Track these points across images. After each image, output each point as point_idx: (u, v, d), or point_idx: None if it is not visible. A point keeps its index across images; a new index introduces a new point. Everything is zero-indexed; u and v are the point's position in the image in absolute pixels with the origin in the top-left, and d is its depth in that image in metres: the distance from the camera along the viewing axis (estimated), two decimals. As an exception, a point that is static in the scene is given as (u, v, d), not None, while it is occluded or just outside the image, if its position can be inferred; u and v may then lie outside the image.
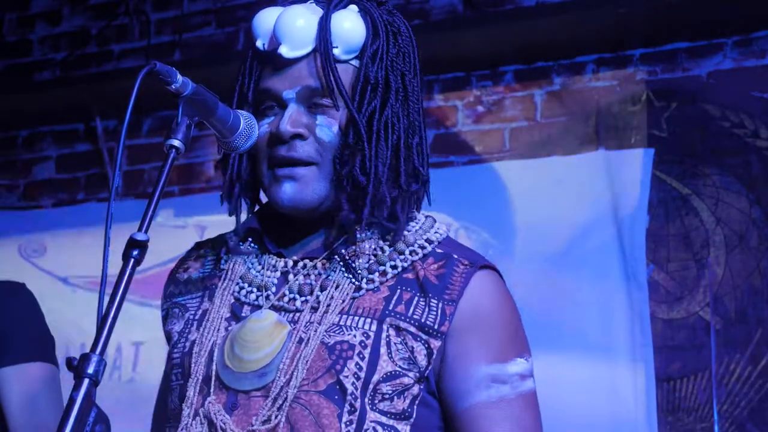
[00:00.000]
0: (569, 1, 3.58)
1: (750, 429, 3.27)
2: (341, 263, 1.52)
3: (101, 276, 1.30)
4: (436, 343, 1.47)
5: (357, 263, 1.51)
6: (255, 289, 1.54)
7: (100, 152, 4.23)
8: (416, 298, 1.49)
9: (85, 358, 1.26)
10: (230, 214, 1.59)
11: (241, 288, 1.56)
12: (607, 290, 3.39)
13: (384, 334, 1.46)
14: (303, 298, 1.50)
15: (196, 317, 1.59)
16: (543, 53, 3.67)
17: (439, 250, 1.54)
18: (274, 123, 1.53)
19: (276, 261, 1.55)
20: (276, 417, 1.44)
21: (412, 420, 1.47)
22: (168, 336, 1.64)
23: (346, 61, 1.53)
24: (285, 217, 1.55)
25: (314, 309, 1.49)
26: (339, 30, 1.52)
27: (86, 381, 1.25)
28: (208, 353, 1.52)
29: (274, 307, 1.52)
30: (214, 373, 1.50)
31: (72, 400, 1.23)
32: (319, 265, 1.53)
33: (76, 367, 1.25)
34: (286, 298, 1.51)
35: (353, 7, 1.56)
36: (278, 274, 1.54)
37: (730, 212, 3.42)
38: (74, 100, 4.12)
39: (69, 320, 3.89)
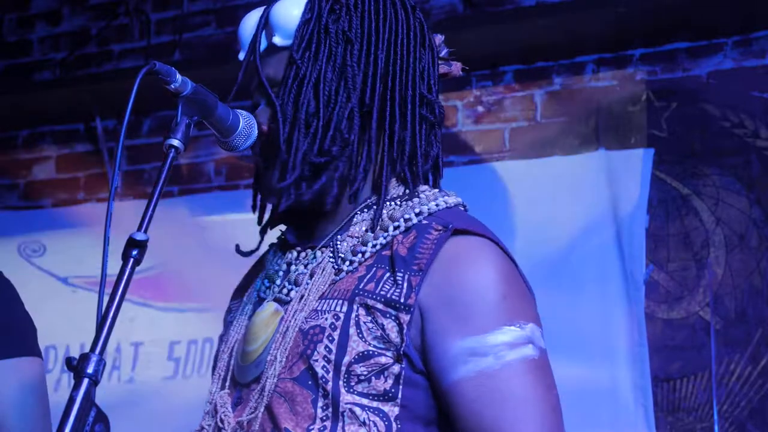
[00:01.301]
0: (569, 1, 3.58)
1: (750, 429, 3.27)
2: (331, 248, 1.50)
3: (101, 276, 1.30)
4: (405, 317, 1.39)
5: (342, 246, 1.49)
6: (269, 284, 1.55)
7: (100, 152, 4.23)
8: (386, 274, 1.43)
9: (84, 357, 1.26)
10: (258, 224, 1.62)
11: (263, 284, 1.57)
12: (606, 290, 3.40)
13: (353, 314, 1.42)
14: (297, 288, 1.49)
15: (232, 319, 1.62)
16: (543, 53, 3.67)
17: (425, 222, 1.47)
18: None
19: (289, 253, 1.55)
20: (259, 407, 1.45)
21: (398, 400, 1.41)
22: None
23: (286, 48, 1.52)
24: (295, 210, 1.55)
25: (302, 297, 1.48)
26: (278, 18, 1.52)
27: (86, 381, 1.25)
28: (229, 351, 1.55)
29: (276, 299, 1.52)
30: (231, 370, 1.53)
31: (72, 400, 1.24)
32: (318, 253, 1.51)
33: (76, 366, 1.25)
34: (285, 290, 1.51)
35: None
36: (284, 265, 1.54)
37: (730, 212, 3.42)
38: (74, 100, 4.12)
39: (69, 320, 3.89)
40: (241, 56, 1.57)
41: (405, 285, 1.41)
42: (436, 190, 1.54)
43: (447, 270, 1.41)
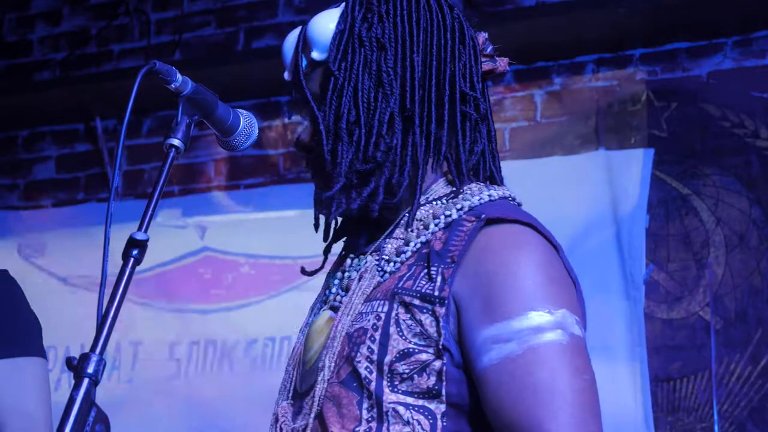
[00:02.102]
0: (569, 1, 3.58)
1: (750, 429, 3.27)
2: (378, 252, 1.51)
3: (101, 276, 1.30)
4: (440, 310, 1.38)
5: (387, 248, 1.49)
6: (329, 292, 1.57)
7: (100, 152, 4.23)
8: (424, 270, 1.43)
9: (84, 357, 1.26)
10: (324, 240, 1.62)
11: (324, 294, 1.59)
12: (606, 290, 3.40)
13: (393, 313, 1.41)
14: (346, 294, 1.51)
15: (301, 330, 1.63)
16: (543, 53, 3.67)
17: (465, 216, 1.47)
18: None
19: (345, 261, 1.57)
20: (311, 414, 1.45)
21: (443, 397, 1.39)
22: None
23: (324, 61, 1.53)
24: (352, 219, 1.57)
25: (349, 302, 1.49)
26: (315, 33, 1.53)
27: (86, 380, 1.25)
28: (294, 362, 1.56)
29: (331, 307, 1.53)
30: (293, 380, 1.54)
31: (72, 400, 1.24)
32: (369, 258, 1.52)
33: (76, 366, 1.26)
34: (339, 297, 1.53)
35: (343, 4, 1.55)
36: (340, 273, 1.56)
37: (730, 212, 3.42)
38: (74, 100, 4.12)
39: (69, 320, 3.89)
40: (286, 76, 1.57)
41: (439, 278, 1.40)
42: (483, 185, 1.53)
43: (478, 259, 1.40)
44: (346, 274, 1.53)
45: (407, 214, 1.50)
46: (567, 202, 3.49)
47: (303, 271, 1.65)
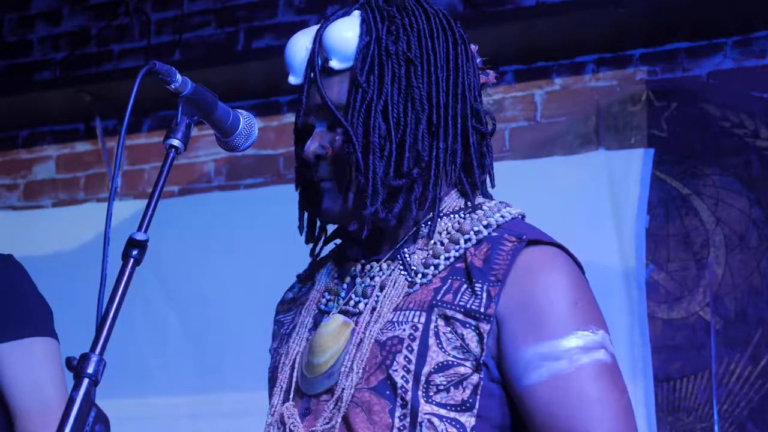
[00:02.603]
0: (569, 1, 3.58)
1: (750, 429, 3.27)
2: (400, 261, 1.52)
3: (101, 276, 1.30)
4: (485, 327, 1.43)
5: (413, 259, 1.51)
6: (331, 297, 1.58)
7: (100, 152, 4.23)
8: (464, 286, 1.46)
9: (84, 357, 1.26)
10: (307, 242, 1.63)
11: (324, 297, 1.59)
12: (606, 290, 3.39)
13: (432, 325, 1.44)
14: (365, 300, 1.52)
15: (288, 332, 1.63)
16: (543, 53, 3.67)
17: (494, 234, 1.50)
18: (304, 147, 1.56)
19: (351, 266, 1.58)
20: (334, 418, 1.46)
21: (475, 411, 1.43)
22: (270, 355, 1.68)
23: (345, 70, 1.53)
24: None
25: (374, 309, 1.50)
26: (333, 41, 1.53)
27: (86, 381, 1.25)
28: (291, 363, 1.56)
29: (342, 312, 1.54)
30: (294, 381, 1.54)
31: (72, 400, 1.24)
32: (384, 266, 1.53)
33: (76, 366, 1.26)
34: (351, 302, 1.54)
35: (356, 13, 1.56)
36: (348, 278, 1.57)
37: (730, 212, 3.42)
38: (74, 100, 4.12)
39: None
40: (293, 80, 1.56)
41: (484, 295, 1.44)
42: (495, 202, 1.58)
43: (522, 279, 1.45)
44: (359, 280, 1.54)
45: (423, 226, 1.53)
46: (567, 202, 3.49)
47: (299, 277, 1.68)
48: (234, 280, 3.81)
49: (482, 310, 1.43)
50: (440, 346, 1.43)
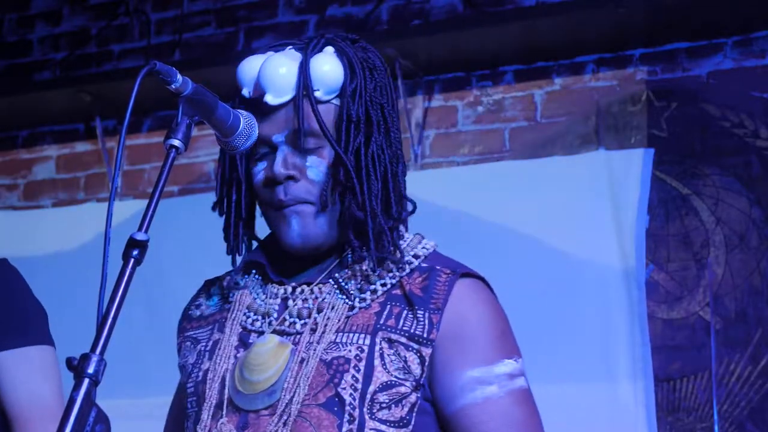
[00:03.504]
0: (569, 1, 3.58)
1: (750, 429, 3.27)
2: (335, 286, 1.61)
3: (101, 276, 1.30)
4: (427, 351, 1.54)
5: (349, 285, 1.60)
6: (260, 317, 1.64)
7: (100, 152, 4.23)
8: (405, 311, 1.57)
9: (85, 358, 1.26)
10: (228, 253, 1.69)
11: (248, 317, 1.65)
12: (606, 290, 3.39)
13: (377, 347, 1.55)
14: (302, 321, 1.60)
15: (208, 348, 1.67)
16: (543, 53, 3.67)
17: (424, 264, 1.62)
18: (269, 166, 1.61)
19: (277, 289, 1.64)
20: (279, 431, 1.52)
21: (410, 427, 1.54)
22: (182, 368, 1.72)
23: (327, 101, 1.60)
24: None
25: (313, 330, 1.58)
26: (318, 73, 1.59)
27: (86, 381, 1.25)
28: (220, 380, 1.61)
29: (276, 332, 1.60)
30: (226, 397, 1.59)
31: (72, 400, 1.24)
32: (315, 289, 1.62)
33: (76, 366, 1.26)
34: (286, 323, 1.61)
35: (329, 49, 1.63)
36: (279, 300, 1.64)
37: (730, 212, 3.42)
38: (74, 100, 4.12)
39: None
40: (271, 99, 1.60)
41: (426, 322, 1.56)
42: (413, 235, 1.67)
43: (457, 309, 1.57)
44: (291, 302, 1.61)
45: (354, 251, 1.60)
46: (567, 202, 3.49)
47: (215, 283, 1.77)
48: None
49: (425, 335, 1.55)
50: (384, 367, 1.54)
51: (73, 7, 4.40)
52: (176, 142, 1.43)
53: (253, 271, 1.70)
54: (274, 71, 1.60)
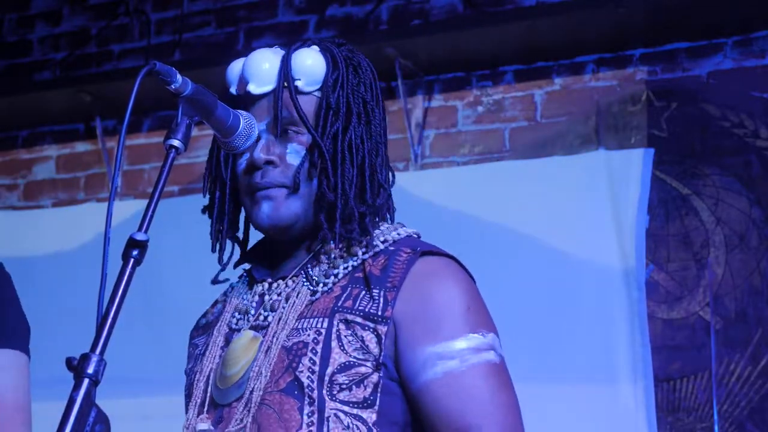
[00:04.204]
0: (569, 1, 3.58)
1: (750, 429, 3.27)
2: (304, 275, 1.63)
3: (101, 276, 1.31)
4: (383, 329, 1.54)
5: (314, 271, 1.62)
6: (242, 315, 1.67)
7: (100, 152, 4.23)
8: (362, 292, 1.58)
9: (84, 357, 1.26)
10: (213, 250, 1.76)
11: (233, 317, 1.69)
12: (606, 290, 3.39)
13: (334, 329, 1.55)
14: (273, 313, 1.62)
15: (201, 352, 1.72)
16: (543, 53, 3.67)
17: (391, 248, 1.63)
18: (251, 154, 1.63)
19: (257, 286, 1.68)
20: (244, 419, 1.55)
21: (376, 407, 1.54)
22: (185, 375, 1.76)
23: (310, 93, 1.63)
24: (271, 246, 1.69)
25: (280, 320, 1.60)
26: (301, 65, 1.64)
27: (86, 381, 1.25)
28: (205, 379, 1.65)
29: (252, 327, 1.63)
30: (209, 395, 1.63)
31: (72, 400, 1.24)
32: (290, 282, 1.64)
33: (76, 366, 1.26)
34: (261, 317, 1.63)
35: (314, 47, 1.67)
36: (257, 297, 1.67)
37: (730, 212, 3.42)
38: (74, 100, 4.12)
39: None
40: (254, 89, 1.64)
41: (381, 300, 1.56)
42: (393, 224, 1.69)
43: (417, 286, 1.57)
44: (267, 297, 1.64)
45: (328, 243, 1.62)
46: (567, 202, 3.49)
47: (214, 281, 1.79)
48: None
49: (380, 313, 1.55)
50: (342, 348, 1.54)
51: (73, 7, 4.40)
52: (176, 142, 1.43)
53: (244, 273, 1.75)
54: (256, 63, 1.65)
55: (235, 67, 1.69)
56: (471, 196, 3.60)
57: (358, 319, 1.55)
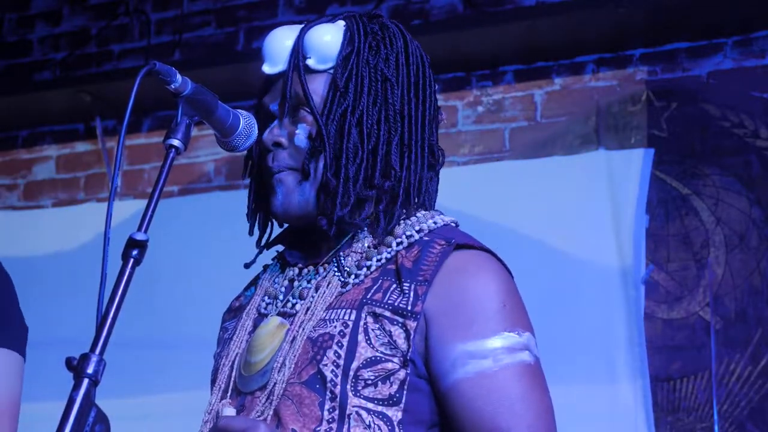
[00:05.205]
0: (569, 1, 3.58)
1: (750, 429, 3.27)
2: (336, 264, 1.57)
3: (101, 276, 1.31)
4: (412, 324, 1.48)
5: (347, 261, 1.56)
6: (271, 300, 1.62)
7: (100, 152, 4.23)
8: (393, 285, 1.51)
9: (84, 357, 1.26)
10: (250, 233, 1.69)
11: (263, 300, 1.64)
12: (606, 290, 3.39)
13: (362, 322, 1.49)
14: (302, 302, 1.56)
15: (230, 336, 1.67)
16: (543, 53, 3.67)
17: (426, 238, 1.56)
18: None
19: (289, 270, 1.63)
20: (266, 411, 1.50)
21: (402, 405, 1.48)
22: (214, 359, 1.72)
23: (323, 71, 1.58)
24: (301, 230, 1.63)
25: (308, 309, 1.55)
26: (315, 42, 1.58)
27: (86, 381, 1.25)
28: (230, 364, 1.60)
29: (280, 313, 1.58)
30: (233, 380, 1.58)
31: (72, 400, 1.24)
32: (321, 269, 1.59)
33: (76, 366, 1.26)
34: (289, 304, 1.58)
35: (340, 23, 1.61)
36: (287, 282, 1.62)
37: (730, 212, 3.42)
38: (74, 100, 4.12)
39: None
40: (267, 68, 1.61)
41: (412, 294, 1.49)
42: (431, 212, 1.63)
43: (450, 280, 1.50)
44: (296, 283, 1.60)
45: (363, 230, 1.57)
46: (567, 202, 3.49)
47: (247, 266, 1.74)
48: (234, 280, 3.81)
49: (409, 308, 1.48)
50: (369, 342, 1.48)
51: (73, 7, 4.40)
52: (176, 142, 1.43)
53: (277, 255, 1.69)
54: (273, 42, 1.61)
55: (266, 42, 1.64)
56: (471, 196, 3.59)
57: (387, 313, 1.48)
